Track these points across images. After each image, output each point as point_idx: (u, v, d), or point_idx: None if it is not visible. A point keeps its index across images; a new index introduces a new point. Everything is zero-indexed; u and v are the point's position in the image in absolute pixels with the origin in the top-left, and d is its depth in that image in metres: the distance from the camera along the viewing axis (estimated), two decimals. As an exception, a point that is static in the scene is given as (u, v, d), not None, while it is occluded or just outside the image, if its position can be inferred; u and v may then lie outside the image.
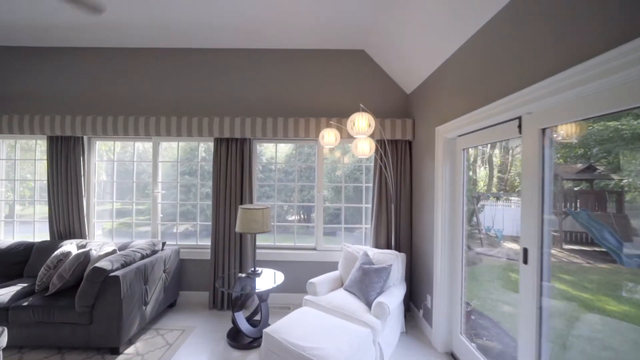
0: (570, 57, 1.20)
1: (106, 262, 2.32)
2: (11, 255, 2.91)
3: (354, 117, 2.13)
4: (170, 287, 2.97)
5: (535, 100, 1.37)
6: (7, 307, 2.28)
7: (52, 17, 2.71)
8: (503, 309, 2.11)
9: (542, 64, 1.34)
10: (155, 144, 3.35)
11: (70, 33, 2.99)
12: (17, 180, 3.45)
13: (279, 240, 3.39)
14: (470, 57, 1.96)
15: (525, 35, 1.46)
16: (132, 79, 3.26)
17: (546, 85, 1.29)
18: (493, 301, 2.18)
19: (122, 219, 3.53)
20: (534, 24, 1.41)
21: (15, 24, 2.84)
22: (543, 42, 1.35)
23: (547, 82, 1.28)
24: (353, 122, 2.12)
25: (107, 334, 2.25)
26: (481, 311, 2.22)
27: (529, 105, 1.42)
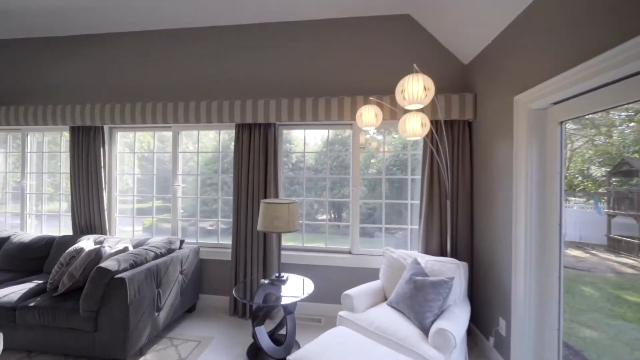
0: None
1: (112, 261, 2.04)
2: (32, 249, 2.79)
3: (405, 82, 1.61)
4: (188, 290, 2.66)
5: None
6: (15, 307, 2.09)
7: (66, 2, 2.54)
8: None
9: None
10: (175, 133, 3.09)
11: (87, 20, 2.82)
12: (44, 173, 3.40)
13: (307, 240, 2.95)
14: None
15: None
16: (150, 64, 3.03)
17: None
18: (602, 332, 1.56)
19: (154, 215, 3.32)
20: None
21: (33, 13, 2.73)
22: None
23: None
24: (403, 87, 1.60)
25: (112, 344, 1.96)
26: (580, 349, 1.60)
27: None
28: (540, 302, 1.67)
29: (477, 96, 2.37)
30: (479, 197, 2.35)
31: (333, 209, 3.24)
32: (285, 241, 2.94)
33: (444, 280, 1.78)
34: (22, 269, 2.74)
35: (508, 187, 1.90)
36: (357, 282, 2.55)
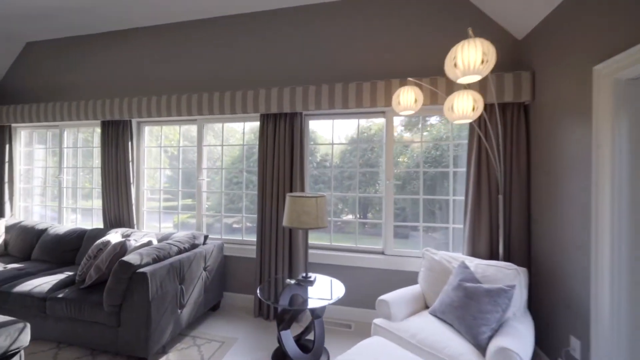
0: None
1: (135, 255, 1.97)
2: (65, 242, 2.85)
3: (457, 49, 1.33)
4: (212, 287, 2.56)
5: None
6: (45, 298, 2.09)
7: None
8: None
9: None
10: (200, 126, 3.02)
11: (114, 16, 2.83)
12: (79, 168, 3.49)
13: (334, 239, 2.75)
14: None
15: None
16: (174, 57, 2.99)
17: None
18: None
19: (179, 211, 3.30)
20: None
21: (65, 12, 2.77)
22: None
23: None
24: (455, 56, 1.33)
25: (134, 342, 1.89)
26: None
27: None
28: (636, 322, 1.33)
29: (536, 74, 2.03)
30: (538, 192, 2.00)
31: (359, 208, 3.01)
32: (311, 239, 2.76)
33: (503, 288, 1.49)
34: (57, 260, 2.80)
35: (583, 179, 1.56)
36: (391, 286, 2.31)
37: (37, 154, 3.70)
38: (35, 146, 3.68)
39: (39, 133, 3.65)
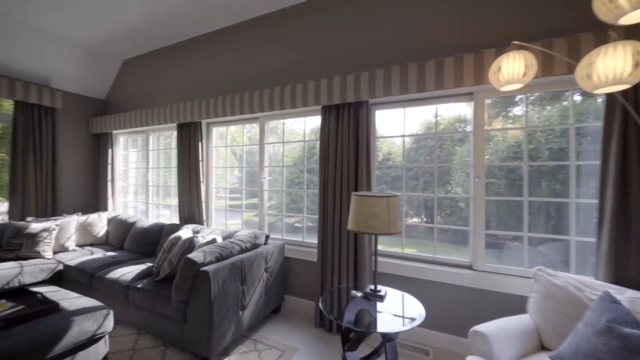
0: None
1: (199, 253, 1.96)
2: (149, 235, 3.12)
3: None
4: (273, 289, 2.46)
5: None
6: (128, 287, 2.26)
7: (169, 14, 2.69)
8: None
9: None
10: (262, 123, 2.98)
11: (186, 27, 2.97)
12: (160, 168, 3.86)
13: (393, 245, 2.37)
14: None
15: None
16: (236, 56, 3.00)
17: None
18: None
19: (243, 210, 3.37)
20: None
21: (147, 30, 3.03)
22: None
23: None
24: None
25: (198, 340, 1.86)
26: None
27: None
28: None
29: None
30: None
31: (425, 211, 2.55)
32: (381, 245, 2.44)
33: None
34: (141, 250, 3.08)
35: None
36: (482, 310, 1.84)
37: (130, 157, 4.23)
38: (129, 150, 4.22)
39: (132, 138, 4.16)
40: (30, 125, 3.40)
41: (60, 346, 1.53)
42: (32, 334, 1.48)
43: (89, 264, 2.66)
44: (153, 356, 1.96)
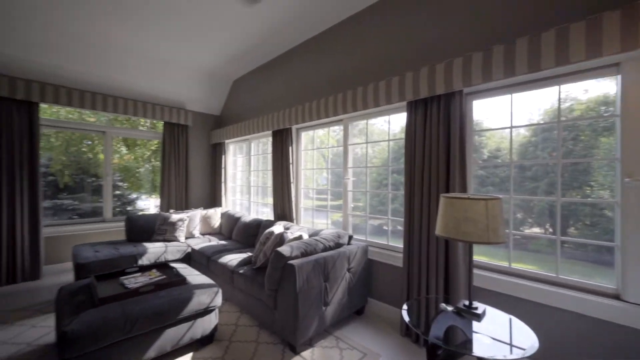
0: None
1: (287, 247, 2.13)
2: (249, 228, 3.59)
3: None
4: (355, 290, 2.45)
5: None
6: (233, 271, 2.66)
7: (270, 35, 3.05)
8: None
9: None
10: (346, 126, 3.03)
11: (284, 41, 3.30)
12: (259, 170, 4.40)
13: (498, 257, 1.97)
14: None
15: None
16: (323, 60, 3.13)
17: None
18: None
19: (328, 210, 3.53)
20: None
21: (254, 50, 3.51)
22: None
23: None
24: None
25: (285, 327, 2.02)
26: None
27: None
28: None
29: None
30: None
31: (551, 220, 2.02)
32: (477, 255, 2.11)
33: None
34: (245, 242, 3.58)
35: None
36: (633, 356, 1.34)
37: (238, 161, 4.99)
38: (237, 155, 4.99)
39: (239, 146, 4.91)
40: (173, 139, 4.44)
41: (187, 311, 1.92)
42: (170, 297, 1.91)
43: (207, 249, 3.26)
44: (250, 334, 2.24)
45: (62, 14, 2.85)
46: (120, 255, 2.95)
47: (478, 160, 2.19)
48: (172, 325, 1.89)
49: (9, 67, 3.16)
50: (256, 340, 2.15)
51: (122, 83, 3.87)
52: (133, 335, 1.72)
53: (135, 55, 3.69)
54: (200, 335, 2.02)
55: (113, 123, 4.31)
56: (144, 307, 1.77)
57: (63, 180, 4.02)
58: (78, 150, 4.19)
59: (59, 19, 2.93)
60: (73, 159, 4.12)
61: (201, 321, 2.03)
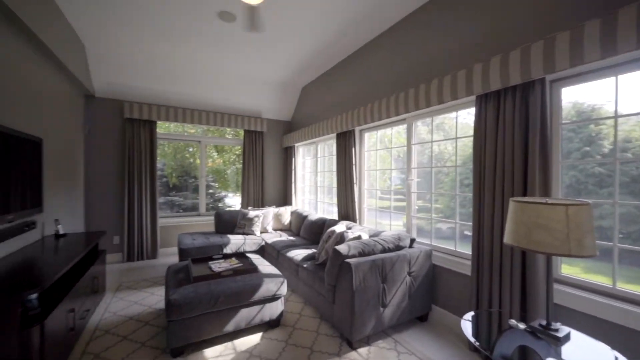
0: None
1: (345, 246, 2.21)
2: (315, 226, 3.81)
3: None
4: (417, 295, 2.37)
5: None
6: (298, 265, 2.89)
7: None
8: None
9: None
10: (409, 124, 2.93)
11: (341, 49, 3.40)
12: (324, 172, 4.60)
13: (614, 276, 1.60)
14: None
15: None
16: (386, 58, 3.09)
17: None
18: None
19: (391, 212, 3.49)
20: None
21: (318, 57, 3.72)
22: None
23: None
24: None
25: (343, 322, 2.11)
26: None
27: None
28: None
29: None
30: None
31: None
32: (565, 269, 1.80)
33: None
34: (311, 238, 3.82)
35: None
36: None
37: (306, 163, 5.32)
38: (305, 157, 5.32)
39: (307, 148, 5.23)
40: (251, 145, 5.04)
41: (257, 295, 2.21)
42: (244, 282, 2.23)
43: (278, 243, 3.61)
44: (311, 324, 2.41)
45: (169, 50, 3.59)
46: (210, 244, 3.54)
47: (594, 154, 1.85)
48: (246, 306, 2.20)
49: (138, 96, 4.14)
50: (317, 331, 2.31)
51: (212, 100, 4.61)
52: (216, 310, 2.07)
53: (221, 75, 4.35)
54: (268, 319, 2.29)
55: (206, 133, 5.15)
56: (224, 287, 2.12)
57: (172, 181, 5.02)
58: (183, 156, 5.17)
59: (168, 54, 3.69)
60: (179, 164, 5.10)
61: (269, 306, 2.29)
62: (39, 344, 1.55)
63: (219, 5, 2.66)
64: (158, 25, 3.02)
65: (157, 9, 2.74)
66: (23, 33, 2.23)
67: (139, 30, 3.12)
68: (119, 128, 4.13)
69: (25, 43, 2.35)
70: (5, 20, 2.05)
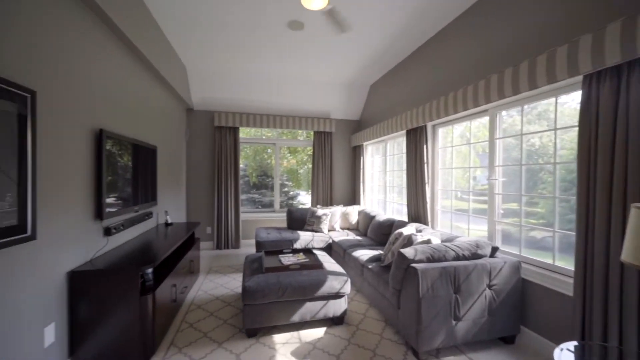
0: None
1: (411, 250, 2.08)
2: (382, 227, 3.70)
3: None
4: (500, 312, 2.06)
5: None
6: (363, 265, 2.86)
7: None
8: None
9: None
10: (492, 116, 2.57)
11: (409, 42, 3.19)
12: (394, 171, 4.41)
13: None
14: None
15: None
16: (465, 42, 2.77)
17: None
18: None
19: (470, 214, 3.14)
20: None
21: (386, 54, 3.59)
22: None
23: None
24: None
25: (408, 329, 2.00)
26: None
27: None
28: None
29: None
30: None
31: None
32: None
33: None
34: (377, 239, 3.72)
35: None
36: None
37: (375, 162, 5.20)
38: (374, 156, 5.21)
39: (375, 147, 5.11)
40: (320, 145, 5.22)
41: (321, 291, 2.28)
42: (309, 277, 2.33)
43: (344, 242, 3.64)
44: (375, 327, 2.36)
45: (248, 63, 4.01)
46: (281, 239, 3.81)
47: None
48: (310, 300, 2.29)
49: (224, 106, 4.78)
50: (380, 335, 2.24)
51: (284, 105, 4.96)
52: (284, 300, 2.23)
53: (292, 81, 4.64)
54: (332, 315, 2.34)
55: (281, 135, 5.56)
56: (291, 280, 2.26)
57: (252, 180, 5.60)
58: (261, 158, 5.71)
59: (246, 67, 4.13)
60: (258, 164, 5.66)
61: (333, 303, 2.34)
62: (152, 309, 1.95)
63: (288, 15, 2.84)
64: (238, 43, 3.41)
65: (236, 32, 3.12)
66: (150, 70, 2.83)
67: (225, 50, 3.60)
68: (210, 135, 4.83)
69: (146, 71, 2.98)
70: (138, 61, 2.64)
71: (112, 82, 2.30)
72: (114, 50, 2.32)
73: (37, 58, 1.54)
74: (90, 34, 2.00)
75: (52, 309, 1.66)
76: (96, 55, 2.08)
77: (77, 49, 1.87)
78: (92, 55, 2.03)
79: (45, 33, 1.60)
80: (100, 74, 2.14)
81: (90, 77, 2.02)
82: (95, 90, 2.07)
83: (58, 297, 1.70)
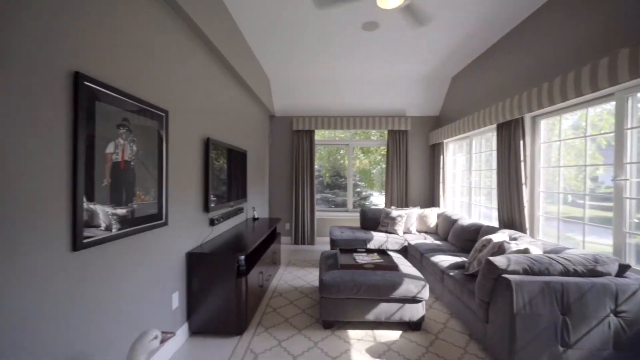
0: None
1: (503, 259, 1.84)
2: (466, 232, 3.35)
3: None
4: (634, 348, 1.63)
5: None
6: (443, 271, 2.66)
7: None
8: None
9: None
10: (621, 101, 2.06)
11: (496, 28, 2.80)
12: (482, 170, 3.94)
13: None
14: None
15: None
16: (556, 29, 2.29)
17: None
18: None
19: (585, 222, 2.60)
20: None
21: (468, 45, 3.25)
22: None
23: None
24: None
25: (498, 347, 1.78)
26: None
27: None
28: None
29: None
30: None
31: None
32: None
33: None
34: (460, 245, 3.40)
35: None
36: None
37: (458, 161, 4.74)
38: (456, 155, 4.75)
39: (458, 144, 4.65)
40: (395, 144, 5.06)
41: (396, 293, 2.23)
42: (383, 277, 2.30)
43: (421, 245, 3.45)
44: (458, 339, 2.16)
45: (323, 69, 4.19)
46: (355, 238, 3.86)
47: None
48: (385, 301, 2.26)
49: (301, 111, 5.12)
50: (464, 349, 2.05)
51: (357, 105, 4.99)
52: (358, 297, 2.26)
53: (365, 81, 4.63)
54: (408, 319, 2.26)
55: (354, 136, 5.62)
56: (365, 279, 2.28)
57: (326, 180, 5.82)
58: (335, 159, 5.89)
59: (322, 72, 4.33)
60: (332, 165, 5.85)
61: (409, 307, 2.25)
62: (245, 290, 2.25)
63: (363, 17, 2.87)
64: (315, 49, 3.61)
65: (313, 41, 3.31)
66: (241, 84, 3.29)
67: (302, 58, 3.87)
68: (289, 138, 5.24)
69: (238, 85, 3.45)
70: (230, 76, 3.10)
71: (215, 96, 2.75)
72: (216, 71, 2.77)
73: (169, 83, 1.97)
74: (201, 59, 2.44)
75: (177, 281, 2.09)
76: (205, 76, 2.53)
77: (195, 74, 2.32)
78: (204, 78, 2.47)
79: (175, 60, 2.03)
80: (207, 90, 2.58)
81: (202, 94, 2.47)
82: (203, 104, 2.51)
83: (180, 272, 2.14)
